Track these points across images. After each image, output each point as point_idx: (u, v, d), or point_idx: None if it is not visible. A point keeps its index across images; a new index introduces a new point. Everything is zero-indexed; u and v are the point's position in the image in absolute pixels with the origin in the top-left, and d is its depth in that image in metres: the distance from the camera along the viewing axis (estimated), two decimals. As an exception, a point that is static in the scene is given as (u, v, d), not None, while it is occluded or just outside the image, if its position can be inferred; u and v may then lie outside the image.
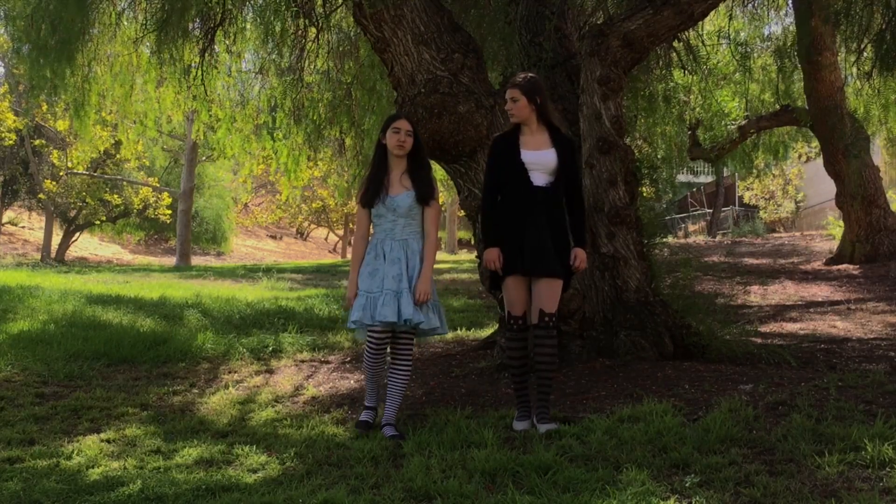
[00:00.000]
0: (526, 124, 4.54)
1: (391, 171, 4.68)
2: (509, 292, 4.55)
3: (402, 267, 4.54)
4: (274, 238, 46.82)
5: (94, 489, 3.78)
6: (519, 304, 4.54)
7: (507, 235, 4.48)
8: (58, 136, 25.64)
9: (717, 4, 7.07)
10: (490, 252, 4.52)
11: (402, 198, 4.62)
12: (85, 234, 31.74)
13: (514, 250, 4.46)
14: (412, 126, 4.69)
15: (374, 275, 4.57)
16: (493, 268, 4.52)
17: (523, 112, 4.50)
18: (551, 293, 4.47)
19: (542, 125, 4.54)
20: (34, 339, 7.49)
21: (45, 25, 9.32)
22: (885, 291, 10.70)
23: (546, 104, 4.54)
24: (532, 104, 4.49)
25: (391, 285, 4.50)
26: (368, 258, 4.64)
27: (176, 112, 13.26)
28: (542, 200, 4.45)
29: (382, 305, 4.46)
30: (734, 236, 25.05)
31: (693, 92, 14.25)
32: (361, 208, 4.74)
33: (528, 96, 4.48)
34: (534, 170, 4.45)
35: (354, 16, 6.41)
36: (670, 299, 6.49)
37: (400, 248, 4.59)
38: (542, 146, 4.50)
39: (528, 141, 4.52)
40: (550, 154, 4.48)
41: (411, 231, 4.64)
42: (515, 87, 4.50)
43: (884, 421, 4.14)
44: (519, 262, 4.45)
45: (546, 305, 4.46)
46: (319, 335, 8.42)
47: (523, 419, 4.52)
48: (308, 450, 4.39)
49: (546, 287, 4.46)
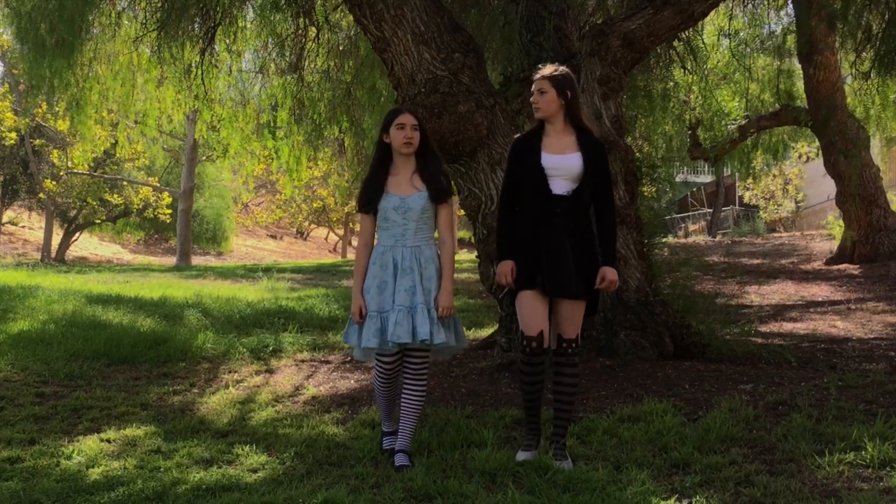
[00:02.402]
0: (551, 122, 4.02)
1: (399, 171, 4.14)
2: (523, 309, 3.97)
3: (415, 278, 4.01)
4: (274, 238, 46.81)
5: (94, 489, 3.78)
6: (533, 324, 3.93)
7: (522, 247, 3.98)
8: (58, 136, 25.63)
9: (717, 4, 7.08)
10: (503, 265, 4.00)
11: (413, 199, 4.07)
12: (85, 233, 31.73)
13: (530, 263, 3.95)
14: (418, 119, 4.16)
15: (383, 289, 4.03)
16: (506, 282, 4.01)
17: (551, 107, 3.98)
18: (572, 317, 3.96)
19: (570, 126, 4.02)
20: (34, 339, 7.49)
21: (44, 24, 9.33)
22: (885, 291, 10.70)
23: (577, 101, 4.04)
24: (561, 98, 3.97)
25: (403, 300, 3.97)
26: (374, 269, 4.08)
27: (176, 111, 13.28)
28: (562, 211, 3.93)
29: (395, 324, 3.93)
30: (734, 236, 25.06)
31: (693, 92, 14.26)
32: (363, 215, 4.21)
33: (559, 89, 3.97)
34: (555, 176, 3.94)
35: (354, 15, 6.41)
36: (670, 299, 6.49)
37: (412, 257, 4.05)
38: (567, 149, 3.98)
39: (550, 143, 4.01)
40: (575, 159, 3.95)
41: (423, 236, 4.11)
42: (545, 79, 4.00)
43: (884, 421, 4.14)
44: (536, 275, 3.94)
45: (565, 330, 3.97)
46: (319, 335, 8.42)
47: (529, 448, 4.04)
48: (308, 450, 4.39)
49: (566, 310, 3.96)
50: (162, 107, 12.71)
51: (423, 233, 4.10)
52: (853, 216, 13.87)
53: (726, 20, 13.14)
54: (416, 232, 4.09)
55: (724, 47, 14.33)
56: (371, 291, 4.04)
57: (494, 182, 6.04)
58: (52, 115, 22.52)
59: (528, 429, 4.10)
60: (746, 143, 16.56)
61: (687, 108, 15.29)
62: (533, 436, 4.08)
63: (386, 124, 4.16)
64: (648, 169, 7.24)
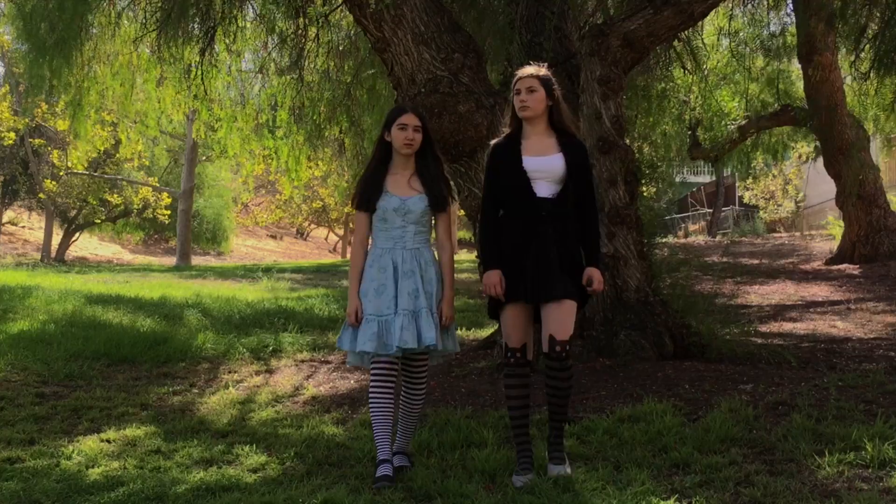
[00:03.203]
0: (532, 124, 3.92)
1: (398, 171, 4.04)
2: (506, 320, 3.87)
3: (417, 281, 3.91)
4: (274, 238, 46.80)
5: (94, 489, 3.78)
6: (515, 335, 3.84)
7: (508, 255, 3.83)
8: (58, 136, 25.63)
9: (717, 4, 7.08)
10: (489, 276, 3.83)
11: (414, 201, 3.98)
12: (85, 234, 31.73)
13: (515, 273, 3.80)
14: (421, 120, 4.06)
15: (381, 292, 3.89)
16: (494, 294, 3.83)
17: (539, 106, 3.87)
18: (562, 316, 3.76)
19: (551, 128, 3.94)
20: (34, 339, 7.49)
21: (44, 25, 9.34)
22: (885, 291, 10.70)
23: (560, 103, 3.95)
24: (549, 99, 3.90)
25: (407, 304, 3.85)
26: (371, 272, 3.95)
27: (176, 111, 13.28)
28: (548, 213, 3.81)
29: (402, 329, 3.80)
30: (734, 236, 25.06)
31: (693, 92, 14.26)
32: (360, 213, 4.06)
33: (547, 89, 3.89)
34: (538, 178, 3.83)
35: (354, 15, 6.41)
36: (670, 299, 6.50)
37: (412, 259, 3.94)
38: (548, 151, 3.87)
39: (531, 145, 3.90)
40: (557, 160, 3.85)
41: (422, 239, 4.02)
42: (534, 77, 3.90)
43: (884, 421, 4.14)
44: (521, 287, 3.79)
45: (557, 331, 3.74)
46: (319, 335, 8.42)
47: (524, 472, 3.74)
48: (308, 450, 4.39)
49: (556, 310, 3.76)
50: (162, 107, 12.71)
51: (422, 235, 4.03)
52: (853, 216, 13.88)
53: (726, 20, 13.14)
54: (416, 234, 4.00)
55: (723, 47, 14.33)
56: (369, 294, 3.91)
57: (494, 182, 6.04)
58: (51, 115, 22.53)
59: (518, 450, 3.84)
60: (746, 143, 16.57)
61: (687, 109, 15.29)
62: (525, 457, 3.81)
63: (388, 122, 4.06)
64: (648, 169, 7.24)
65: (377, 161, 4.08)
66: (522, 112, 3.90)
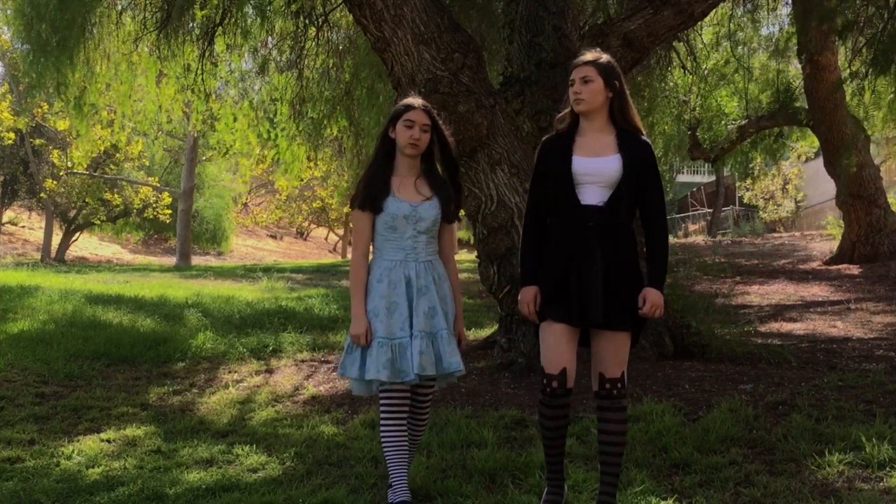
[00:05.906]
0: (589, 119, 3.36)
1: (402, 173, 3.57)
2: (545, 340, 3.30)
3: (432, 298, 3.47)
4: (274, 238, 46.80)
5: (94, 489, 3.78)
6: (556, 360, 3.26)
7: (548, 269, 3.32)
8: (58, 136, 25.63)
9: (717, 4, 7.08)
10: (525, 292, 3.35)
11: (426, 208, 3.52)
12: (85, 233, 31.72)
13: (557, 288, 3.28)
14: (431, 119, 3.59)
15: (392, 312, 3.43)
16: (527, 312, 3.34)
17: (596, 98, 3.32)
18: (615, 352, 3.29)
19: (612, 124, 3.37)
20: (34, 338, 7.49)
21: (44, 25, 9.34)
22: (885, 291, 10.70)
23: (624, 95, 3.39)
24: (609, 90, 3.33)
25: (424, 325, 3.41)
26: (380, 288, 3.45)
27: (176, 110, 13.28)
28: (595, 224, 3.26)
29: (420, 354, 3.36)
30: (734, 236, 25.06)
31: (693, 92, 14.26)
32: (363, 214, 3.53)
33: (606, 79, 3.33)
34: (587, 183, 3.28)
35: (354, 15, 6.41)
36: (670, 299, 6.49)
37: (426, 273, 3.50)
38: (604, 151, 3.31)
39: (585, 143, 3.35)
40: (612, 162, 3.28)
41: (433, 249, 3.58)
42: (590, 65, 3.35)
43: (884, 421, 4.14)
44: (564, 304, 3.26)
45: (608, 369, 3.28)
46: (319, 335, 8.42)
47: (555, 495, 3.39)
48: (308, 450, 4.39)
49: (608, 345, 3.28)
50: (162, 105, 12.71)
51: (432, 246, 3.58)
52: (853, 216, 13.88)
53: (726, 20, 13.15)
54: (427, 245, 3.55)
55: (723, 47, 14.33)
56: (380, 314, 3.42)
57: (494, 182, 6.04)
58: (52, 115, 22.52)
59: (549, 478, 3.44)
60: (745, 143, 16.58)
61: (686, 109, 15.30)
62: (556, 486, 3.41)
63: (394, 117, 3.60)
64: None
65: (382, 159, 3.60)
66: (577, 106, 3.35)
